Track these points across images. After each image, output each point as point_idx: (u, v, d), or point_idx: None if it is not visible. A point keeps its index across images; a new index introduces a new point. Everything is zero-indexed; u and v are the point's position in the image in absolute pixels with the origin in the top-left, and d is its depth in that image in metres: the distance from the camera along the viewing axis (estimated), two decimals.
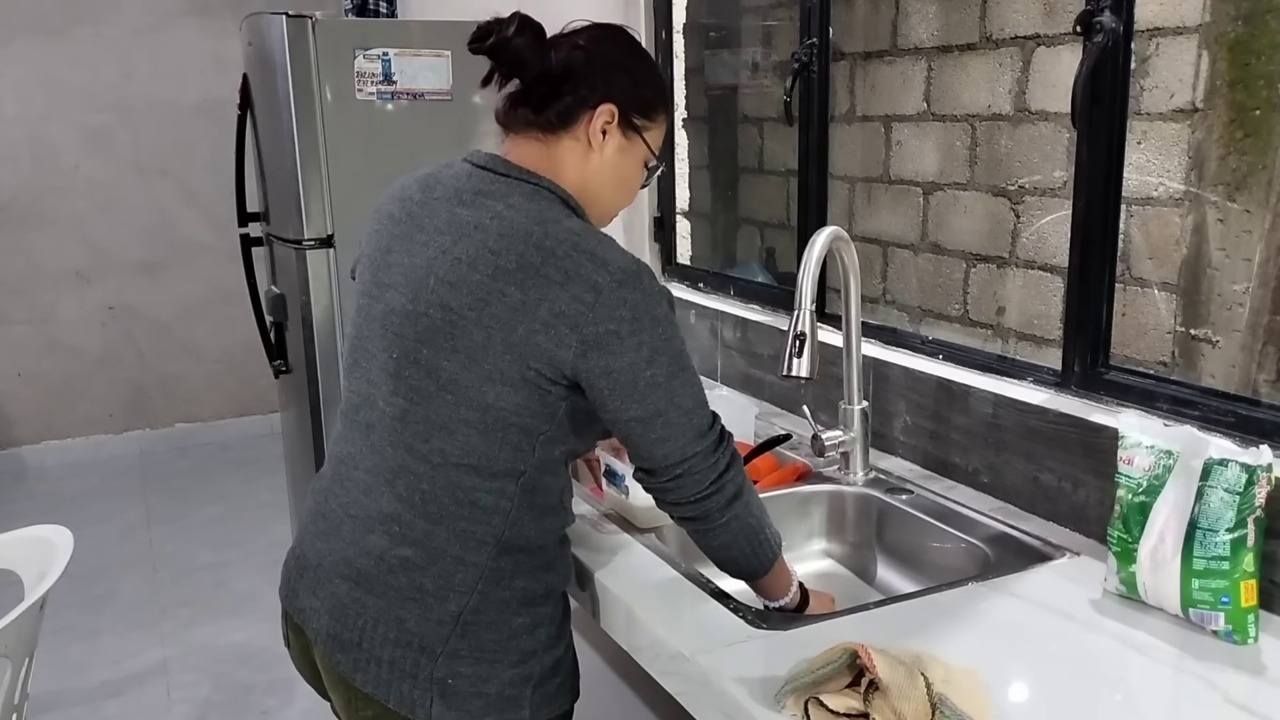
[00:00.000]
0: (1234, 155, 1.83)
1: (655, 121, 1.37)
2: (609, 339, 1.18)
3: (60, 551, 1.78)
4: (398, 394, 1.26)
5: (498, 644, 1.26)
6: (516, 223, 1.22)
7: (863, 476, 1.73)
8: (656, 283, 1.23)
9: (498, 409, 1.21)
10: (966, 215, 2.35)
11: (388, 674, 1.25)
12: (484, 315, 1.19)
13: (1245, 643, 1.18)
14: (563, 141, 1.31)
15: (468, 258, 1.22)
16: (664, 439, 1.24)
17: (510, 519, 1.25)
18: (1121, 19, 1.43)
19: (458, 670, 1.24)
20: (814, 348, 1.52)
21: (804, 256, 1.54)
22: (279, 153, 2.77)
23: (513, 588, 1.26)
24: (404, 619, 1.25)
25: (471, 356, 1.20)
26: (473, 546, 1.24)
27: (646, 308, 1.20)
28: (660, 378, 1.21)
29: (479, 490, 1.23)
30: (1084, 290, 1.54)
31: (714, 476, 1.26)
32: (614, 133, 1.32)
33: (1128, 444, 1.27)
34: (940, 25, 2.36)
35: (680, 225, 2.66)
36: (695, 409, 1.25)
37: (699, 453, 1.25)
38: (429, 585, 1.24)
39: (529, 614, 1.28)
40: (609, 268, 1.19)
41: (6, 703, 1.64)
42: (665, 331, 1.22)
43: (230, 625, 3.35)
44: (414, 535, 1.25)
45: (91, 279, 4.85)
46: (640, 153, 1.36)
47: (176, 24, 4.77)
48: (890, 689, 1.00)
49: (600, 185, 1.34)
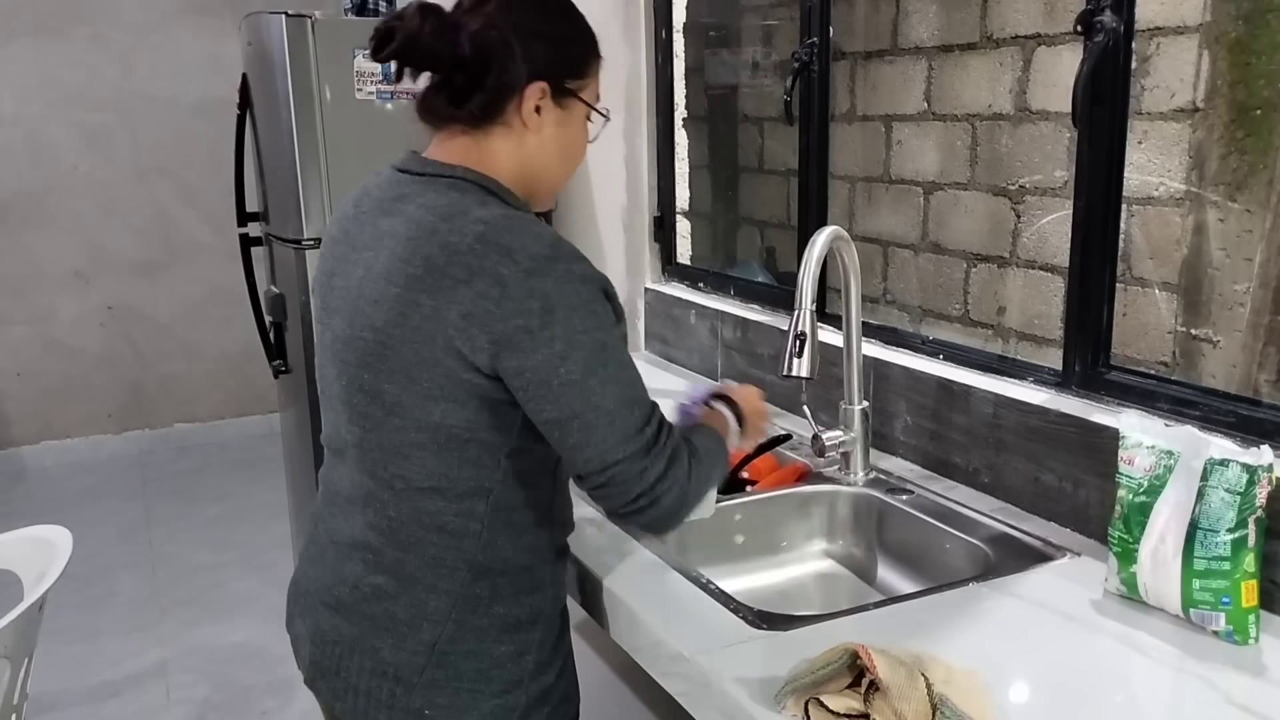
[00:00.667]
0: (1235, 155, 1.83)
1: (591, 73, 1.26)
2: (519, 335, 1.08)
3: (59, 552, 1.78)
4: (353, 422, 1.21)
5: (478, 673, 1.20)
6: (424, 222, 1.14)
7: (863, 477, 1.73)
8: (579, 266, 1.12)
9: (448, 427, 1.14)
10: (967, 215, 2.35)
11: (364, 703, 1.22)
12: (407, 330, 1.12)
13: (1246, 643, 1.18)
14: (493, 132, 1.20)
15: (384, 271, 1.15)
16: (582, 444, 1.12)
17: (482, 541, 1.18)
18: (1122, 18, 1.43)
19: (435, 701, 1.20)
20: (814, 348, 1.51)
21: (804, 256, 1.53)
22: (278, 152, 2.77)
23: (491, 614, 1.20)
24: (379, 648, 1.21)
25: (409, 376, 1.13)
26: (444, 573, 1.18)
27: (560, 297, 1.09)
28: (576, 375, 1.09)
29: (445, 514, 1.17)
30: (1085, 290, 1.54)
31: (643, 488, 1.13)
32: (549, 108, 1.21)
33: (1128, 444, 1.27)
34: (941, 25, 2.36)
35: (680, 225, 2.66)
36: (619, 410, 1.12)
37: (622, 460, 1.12)
38: (401, 614, 1.19)
39: (512, 641, 1.21)
40: (514, 257, 1.09)
41: (6, 703, 1.64)
42: (583, 322, 1.10)
43: (230, 626, 3.35)
44: (385, 562, 1.20)
45: (91, 279, 4.85)
46: (581, 113, 1.25)
47: (176, 24, 4.77)
48: (891, 689, 1.00)
49: (543, 164, 1.24)
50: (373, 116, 2.67)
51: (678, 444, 1.17)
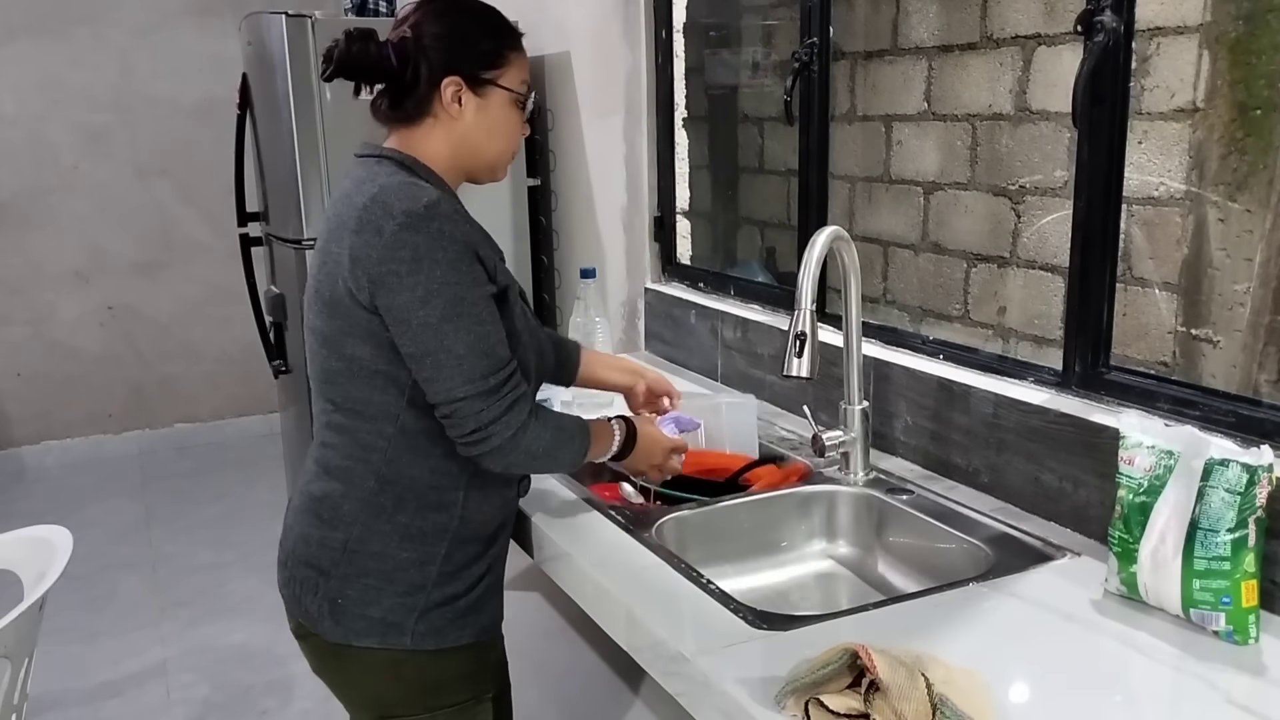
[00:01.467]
0: (1235, 155, 1.83)
1: (506, 63, 1.44)
2: (390, 278, 1.29)
3: (60, 552, 1.78)
4: (308, 354, 1.45)
5: (382, 573, 1.39)
6: (346, 190, 1.39)
7: (863, 477, 1.73)
8: (448, 225, 1.31)
9: (358, 359, 1.35)
10: (967, 215, 2.34)
11: (298, 590, 1.45)
12: (324, 273, 1.37)
13: (1246, 643, 1.18)
14: (424, 125, 1.42)
15: (321, 232, 1.41)
16: (432, 379, 1.32)
17: (387, 457, 1.38)
18: (1122, 18, 1.43)
19: (345, 592, 1.40)
20: (814, 348, 1.51)
21: (804, 256, 1.53)
22: (278, 152, 2.77)
23: (394, 522, 1.39)
24: (309, 543, 1.43)
25: (330, 313, 1.36)
26: (355, 482, 1.40)
27: (428, 250, 1.29)
28: (433, 319, 1.29)
29: (359, 431, 1.39)
30: (1085, 290, 1.54)
31: (477, 425, 1.32)
32: (467, 97, 1.41)
33: (1128, 444, 1.27)
34: (941, 25, 2.36)
35: (680, 225, 2.66)
36: (468, 355, 1.31)
37: (465, 398, 1.31)
38: (325, 515, 1.42)
39: (414, 549, 1.40)
40: (393, 211, 1.29)
41: (6, 703, 1.64)
42: (445, 275, 1.29)
43: (230, 625, 3.35)
44: (322, 470, 1.44)
45: (91, 279, 4.85)
46: (501, 99, 1.44)
47: (176, 24, 4.77)
48: (891, 689, 1.00)
49: (473, 145, 1.44)
50: None
51: (520, 398, 1.36)
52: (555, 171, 3.19)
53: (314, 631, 1.44)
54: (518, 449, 1.36)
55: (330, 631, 1.42)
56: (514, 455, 1.37)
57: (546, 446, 1.41)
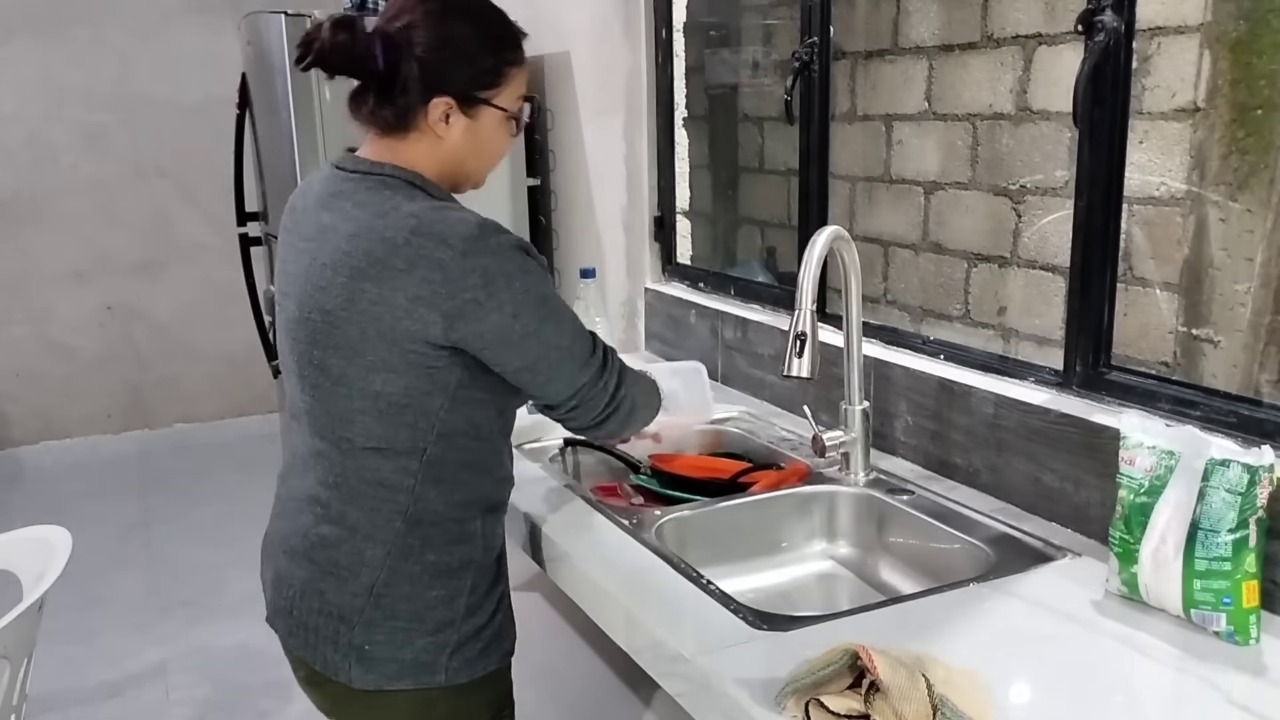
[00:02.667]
0: (1236, 155, 1.83)
1: (504, 81, 1.36)
2: (470, 308, 1.24)
3: (59, 552, 1.78)
4: (305, 391, 1.36)
5: (412, 614, 1.34)
6: (361, 220, 1.28)
7: (863, 477, 1.73)
8: (503, 237, 1.27)
9: (387, 395, 1.28)
10: (968, 215, 2.34)
11: (314, 640, 1.37)
12: (353, 313, 1.26)
13: (1247, 643, 1.18)
14: (408, 138, 1.33)
15: (330, 262, 1.29)
16: (551, 379, 1.32)
17: (415, 495, 1.32)
18: (1123, 18, 1.42)
19: (374, 638, 1.34)
20: (815, 348, 1.51)
21: (805, 256, 1.53)
22: (278, 152, 2.77)
23: (424, 562, 1.34)
24: (324, 591, 1.35)
25: (354, 350, 1.28)
26: (381, 524, 1.33)
27: (498, 268, 1.25)
28: (531, 327, 1.28)
29: (383, 470, 1.32)
30: (1085, 290, 1.54)
31: (607, 399, 1.36)
32: (456, 117, 1.33)
33: (1129, 444, 1.27)
34: (941, 24, 2.36)
35: (680, 225, 2.65)
36: (574, 343, 1.33)
37: (587, 383, 1.34)
38: (343, 560, 1.34)
39: (444, 586, 1.35)
40: (448, 242, 1.23)
41: (5, 703, 1.64)
42: (523, 284, 1.27)
43: (229, 626, 3.35)
44: (332, 514, 1.35)
45: (90, 279, 4.84)
46: (493, 119, 1.36)
47: (176, 24, 4.77)
48: (891, 690, 0.99)
49: (458, 161, 1.37)
50: None
51: (616, 358, 1.40)
52: (555, 171, 3.19)
53: (335, 680, 1.37)
54: (637, 406, 1.43)
55: (359, 679, 1.35)
56: (635, 415, 1.44)
57: (645, 398, 1.47)
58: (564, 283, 3.23)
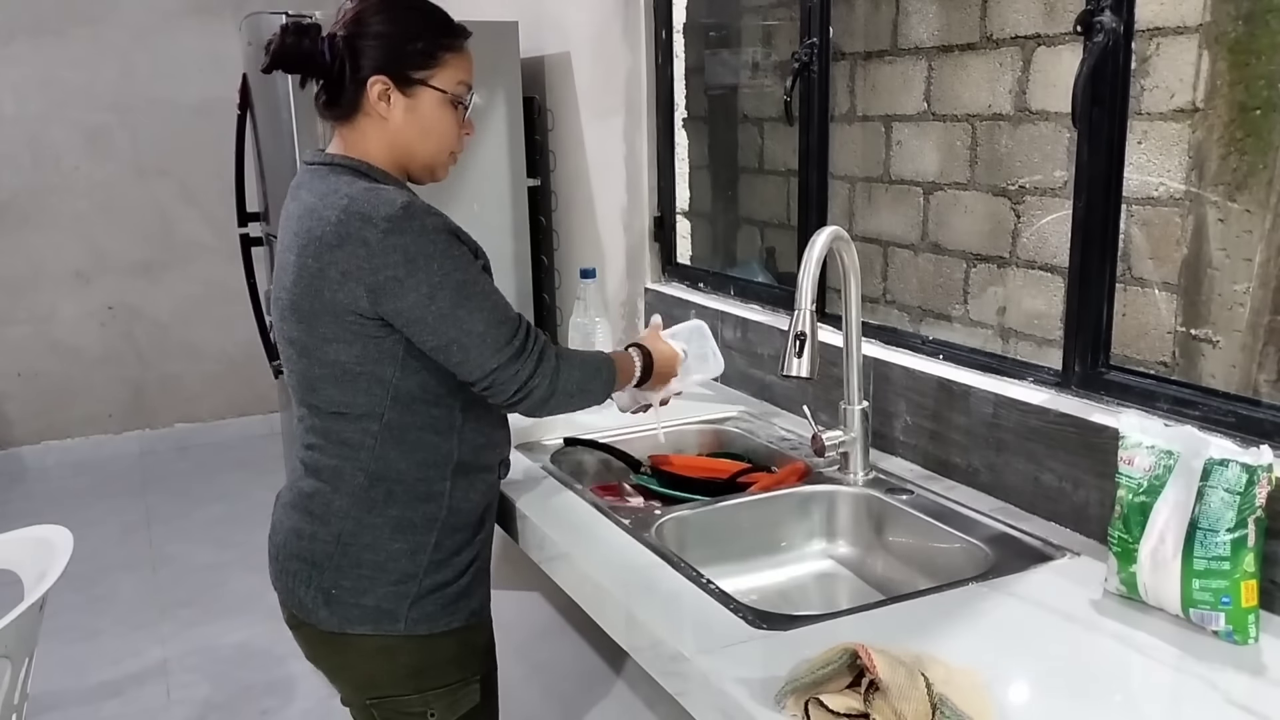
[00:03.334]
0: (1234, 155, 1.83)
1: (439, 63, 1.44)
2: (390, 284, 1.33)
3: (60, 551, 1.78)
4: (286, 364, 1.50)
5: (375, 564, 1.44)
6: (308, 204, 1.40)
7: (863, 476, 1.73)
8: (430, 219, 1.35)
9: (342, 363, 1.40)
10: (967, 215, 2.34)
11: (291, 583, 1.49)
12: (302, 288, 1.39)
13: (1246, 643, 1.18)
14: (359, 123, 1.44)
15: (286, 244, 1.44)
16: (464, 361, 1.38)
17: (375, 454, 1.43)
18: (1122, 19, 1.43)
19: (340, 583, 1.45)
20: (814, 348, 1.52)
21: (804, 256, 1.53)
22: (279, 152, 2.77)
23: (386, 515, 1.44)
24: (301, 537, 1.48)
25: (309, 324, 1.40)
26: (345, 477, 1.44)
27: (418, 249, 1.33)
28: (446, 309, 1.35)
29: (345, 431, 1.43)
30: (1084, 290, 1.54)
31: (517, 385, 1.41)
32: (396, 97, 1.43)
33: (1128, 444, 1.27)
34: (940, 25, 2.36)
35: (680, 225, 2.66)
36: (488, 330, 1.38)
37: (497, 367, 1.39)
38: (316, 510, 1.46)
39: (406, 540, 1.45)
40: (372, 220, 1.32)
41: (6, 703, 1.64)
42: (442, 266, 1.34)
43: (230, 625, 3.35)
44: (310, 469, 1.48)
45: (91, 279, 4.85)
46: (432, 99, 1.45)
47: (176, 24, 4.77)
48: (890, 689, 1.00)
49: (406, 144, 1.46)
50: None
51: (545, 348, 1.45)
52: (555, 171, 3.20)
53: (308, 621, 1.49)
54: (556, 392, 1.45)
55: (325, 621, 1.46)
56: (554, 400, 1.46)
57: (580, 383, 1.50)
58: (564, 283, 3.23)
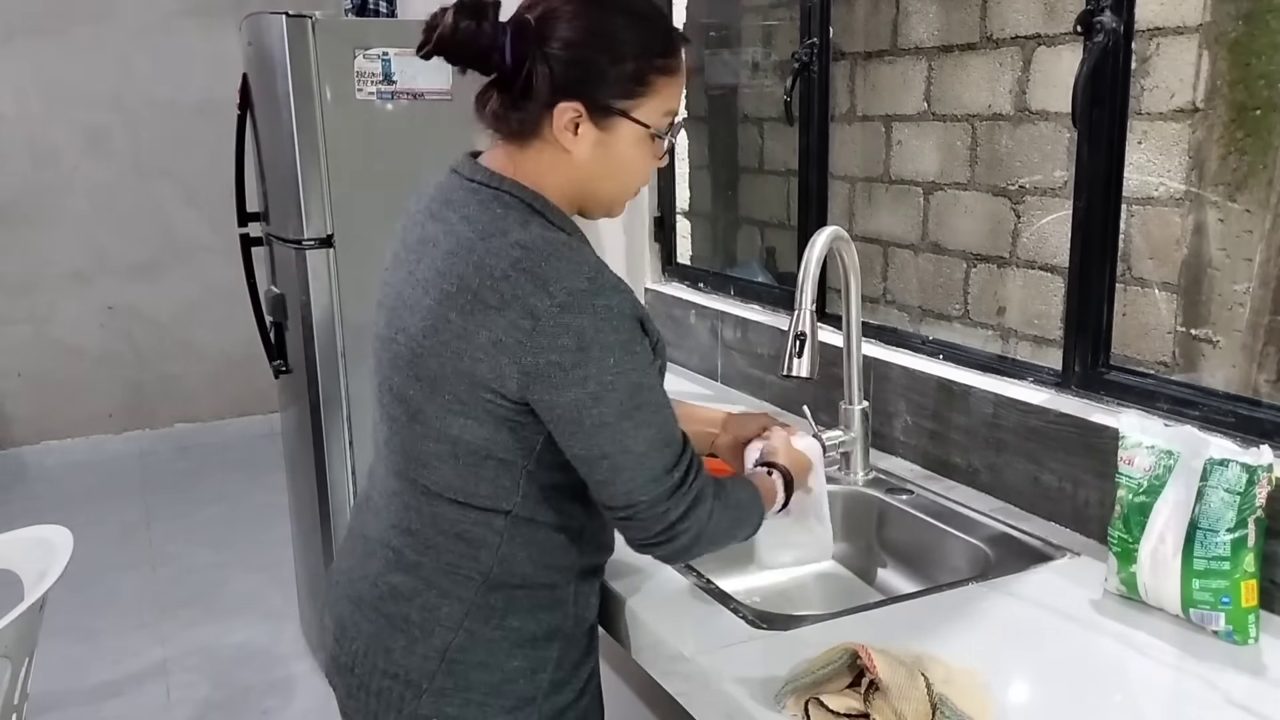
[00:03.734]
0: (1234, 155, 1.83)
1: (649, 91, 1.15)
2: (551, 371, 1.06)
3: (60, 552, 1.78)
4: (382, 420, 1.23)
5: (489, 686, 1.18)
6: (463, 238, 1.12)
7: (863, 476, 1.73)
8: (618, 300, 1.08)
9: (466, 442, 1.13)
10: (967, 215, 2.35)
11: (375, 704, 1.21)
12: (435, 343, 1.12)
13: (1246, 643, 1.18)
14: (532, 146, 1.16)
15: (423, 280, 1.14)
16: (608, 482, 1.11)
17: (500, 554, 1.17)
18: (1122, 19, 1.43)
19: (443, 710, 1.19)
20: (814, 348, 1.51)
21: (804, 257, 1.53)
22: (279, 152, 2.77)
23: (505, 627, 1.19)
24: (391, 649, 1.20)
25: (432, 385, 1.13)
26: (459, 580, 1.18)
27: (595, 335, 1.06)
28: (609, 417, 1.08)
29: (463, 523, 1.17)
30: (1084, 290, 1.54)
31: (662, 527, 1.12)
32: (587, 128, 1.14)
33: (1128, 444, 1.27)
34: (941, 25, 2.36)
35: (680, 225, 2.66)
36: (649, 452, 1.10)
37: (646, 500, 1.11)
38: (415, 617, 1.19)
39: (526, 656, 1.19)
40: (550, 289, 1.05)
41: (6, 703, 1.64)
42: (619, 363, 1.07)
43: (230, 625, 3.35)
44: (404, 563, 1.20)
45: (91, 279, 4.84)
46: (630, 133, 1.16)
47: (176, 24, 4.77)
48: (890, 689, 1.00)
49: (586, 181, 1.18)
50: (373, 116, 2.67)
51: (704, 487, 1.15)
52: None
53: None
54: (700, 541, 1.16)
55: None
56: (699, 548, 1.17)
57: (726, 529, 1.20)
58: None
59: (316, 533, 2.85)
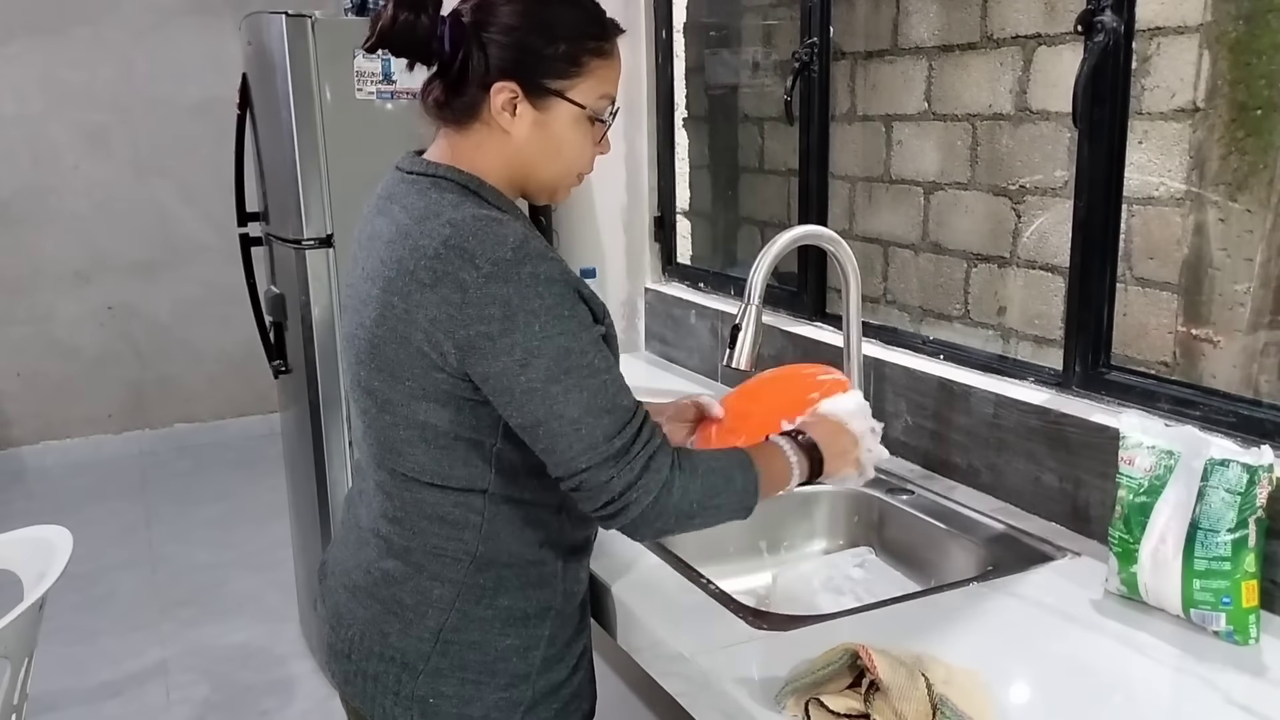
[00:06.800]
0: (1235, 155, 1.83)
1: (583, 71, 1.17)
2: (480, 341, 1.07)
3: (60, 552, 1.78)
4: (358, 416, 1.25)
5: (483, 665, 1.20)
6: (401, 225, 1.14)
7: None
8: (545, 267, 1.08)
9: (433, 425, 1.15)
10: (967, 215, 2.34)
11: (372, 688, 1.23)
12: (386, 330, 1.13)
13: (1246, 643, 1.18)
14: (474, 131, 1.18)
15: (370, 273, 1.17)
16: (549, 450, 1.10)
17: (483, 534, 1.18)
18: (1122, 18, 1.43)
19: (439, 690, 1.20)
20: (752, 340, 1.55)
21: (761, 251, 1.55)
22: (278, 152, 2.77)
23: (496, 606, 1.20)
24: (387, 633, 1.22)
25: (393, 374, 1.15)
26: (447, 562, 1.19)
27: (521, 303, 1.06)
28: (537, 383, 1.07)
29: (443, 505, 1.19)
30: (1085, 290, 1.54)
31: (609, 497, 1.09)
32: (524, 109, 1.16)
33: (1129, 444, 1.27)
34: (941, 24, 2.36)
35: (680, 225, 2.66)
36: (584, 417, 1.08)
37: (588, 468, 1.08)
38: (408, 600, 1.21)
39: (518, 634, 1.21)
40: (475, 261, 1.07)
41: (6, 703, 1.64)
42: (545, 328, 1.07)
43: (230, 625, 3.35)
44: (395, 549, 1.22)
45: (91, 279, 4.85)
46: (568, 114, 1.18)
47: (176, 24, 4.77)
48: (891, 690, 1.00)
49: (527, 164, 1.20)
50: (373, 116, 2.67)
51: (658, 453, 1.12)
52: None
53: None
54: (665, 513, 1.11)
55: None
56: (662, 521, 1.12)
57: (700, 499, 1.14)
58: None
59: (316, 533, 2.85)
